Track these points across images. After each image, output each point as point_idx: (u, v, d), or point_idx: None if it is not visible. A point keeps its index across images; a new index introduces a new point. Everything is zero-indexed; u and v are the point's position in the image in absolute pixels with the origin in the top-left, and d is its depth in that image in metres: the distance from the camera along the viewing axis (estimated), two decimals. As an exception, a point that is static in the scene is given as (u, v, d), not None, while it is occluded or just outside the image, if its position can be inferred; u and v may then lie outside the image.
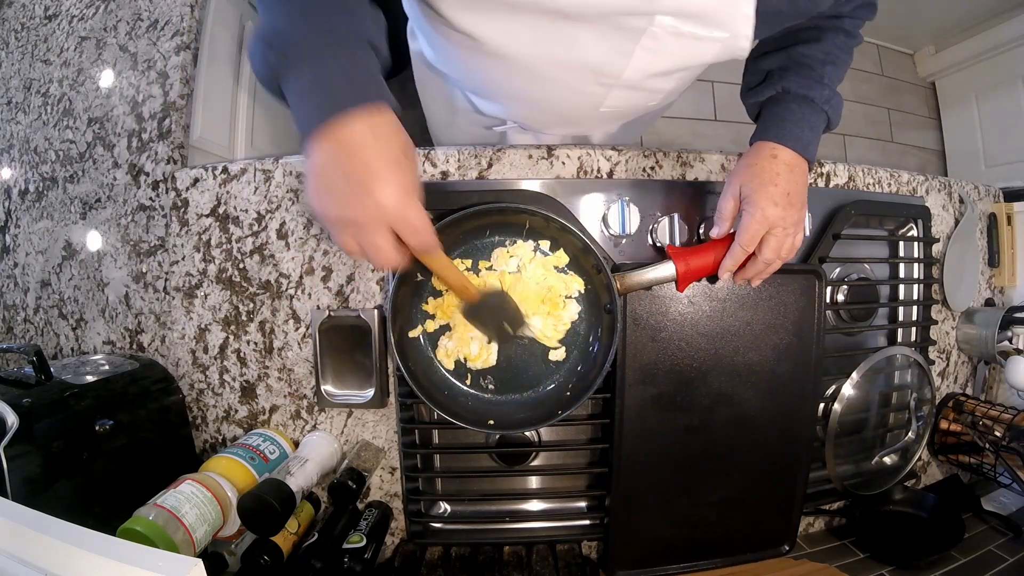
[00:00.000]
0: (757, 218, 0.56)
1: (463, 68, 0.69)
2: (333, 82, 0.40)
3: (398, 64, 0.86)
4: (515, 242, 0.65)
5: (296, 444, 0.75)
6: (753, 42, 0.52)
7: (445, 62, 0.72)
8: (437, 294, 0.65)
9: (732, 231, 0.60)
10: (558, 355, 0.66)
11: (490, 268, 0.65)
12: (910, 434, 0.83)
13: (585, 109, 0.67)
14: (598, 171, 0.73)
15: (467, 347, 0.64)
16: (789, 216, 0.57)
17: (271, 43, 0.42)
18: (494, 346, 0.65)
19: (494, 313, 0.62)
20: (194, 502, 0.56)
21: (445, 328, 0.65)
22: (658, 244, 0.70)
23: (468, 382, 0.66)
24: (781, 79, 0.60)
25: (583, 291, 0.66)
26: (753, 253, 0.59)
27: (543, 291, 0.65)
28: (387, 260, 0.43)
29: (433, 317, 0.65)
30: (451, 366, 0.65)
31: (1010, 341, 0.92)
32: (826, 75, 0.60)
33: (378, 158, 0.40)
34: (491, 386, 0.66)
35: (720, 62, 0.56)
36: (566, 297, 0.66)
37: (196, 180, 0.76)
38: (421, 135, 1.23)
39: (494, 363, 0.66)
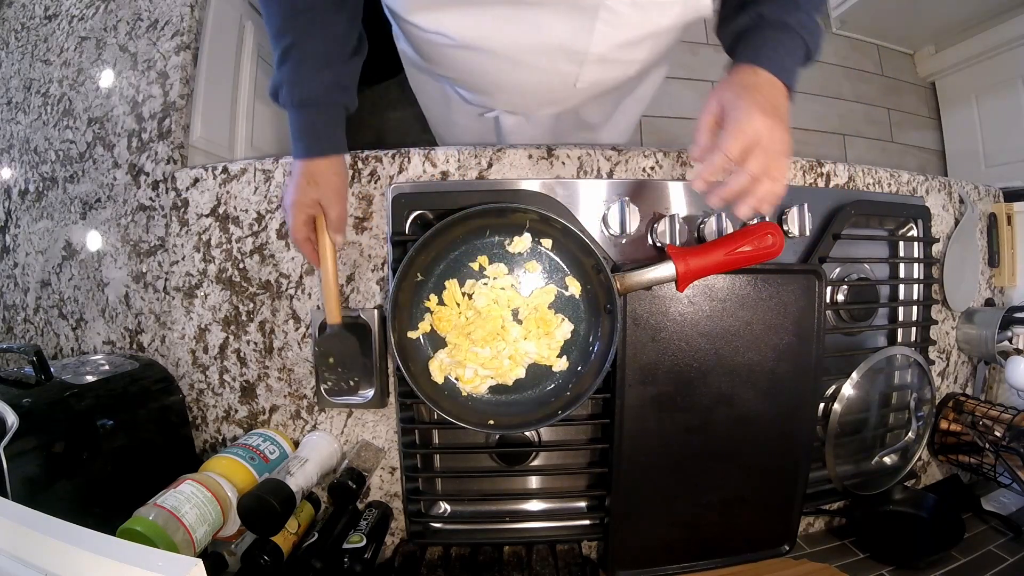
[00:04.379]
0: (742, 123, 0.50)
1: (442, 64, 0.71)
2: (307, 136, 0.62)
3: (397, 65, 0.87)
4: (513, 240, 0.65)
5: (296, 444, 0.75)
6: None
7: (425, 60, 0.73)
8: (439, 297, 0.65)
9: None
10: (561, 364, 0.66)
11: (485, 282, 0.65)
12: (910, 434, 0.83)
13: (562, 88, 0.69)
14: (598, 171, 0.73)
15: (462, 369, 0.64)
16: (776, 129, 0.51)
17: (273, 95, 0.61)
18: (488, 376, 0.65)
19: (343, 349, 0.68)
20: (194, 502, 0.56)
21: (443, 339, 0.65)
22: (658, 244, 0.70)
23: None
24: (756, 5, 0.57)
25: (579, 295, 0.66)
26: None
27: (535, 318, 0.65)
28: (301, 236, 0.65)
29: (431, 312, 0.65)
30: (440, 380, 0.65)
31: (1010, 341, 0.91)
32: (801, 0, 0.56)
33: (330, 190, 0.63)
34: (491, 386, 0.66)
35: (686, 25, 0.59)
36: (557, 313, 0.65)
37: (196, 180, 0.76)
38: (422, 133, 1.23)
39: (484, 392, 0.65)
